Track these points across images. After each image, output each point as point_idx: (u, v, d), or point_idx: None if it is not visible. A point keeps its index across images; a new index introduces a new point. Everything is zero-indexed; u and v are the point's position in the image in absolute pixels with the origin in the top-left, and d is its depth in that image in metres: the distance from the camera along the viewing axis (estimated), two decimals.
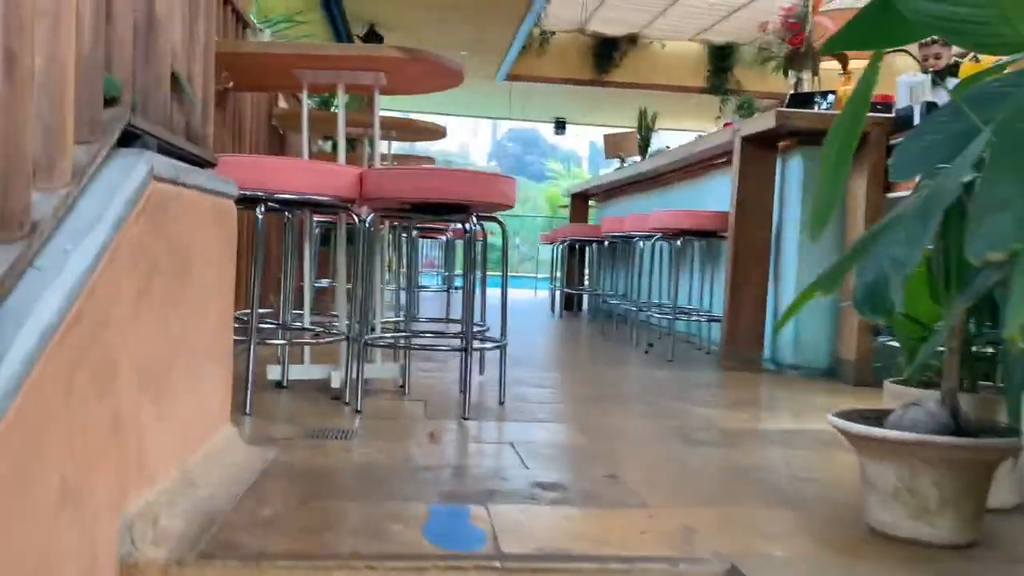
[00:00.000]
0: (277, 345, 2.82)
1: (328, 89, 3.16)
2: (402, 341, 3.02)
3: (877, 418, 1.65)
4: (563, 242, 7.05)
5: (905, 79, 3.45)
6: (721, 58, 10.29)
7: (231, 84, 2.95)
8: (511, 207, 2.67)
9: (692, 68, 10.40)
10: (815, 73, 3.84)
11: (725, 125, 5.29)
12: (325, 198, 2.51)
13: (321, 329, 2.92)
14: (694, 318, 4.72)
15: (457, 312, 6.09)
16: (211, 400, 1.79)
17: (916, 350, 1.85)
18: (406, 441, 2.16)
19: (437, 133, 4.47)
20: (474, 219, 2.61)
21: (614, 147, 7.83)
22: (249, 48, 2.64)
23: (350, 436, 2.19)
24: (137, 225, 1.28)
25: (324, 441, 2.12)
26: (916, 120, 3.36)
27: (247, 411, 2.39)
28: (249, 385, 2.42)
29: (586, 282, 7.93)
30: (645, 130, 8.05)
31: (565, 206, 10.30)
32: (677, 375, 3.66)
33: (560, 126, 12.91)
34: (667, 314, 4.70)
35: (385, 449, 2.06)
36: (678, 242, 4.22)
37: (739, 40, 10.16)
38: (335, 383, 2.75)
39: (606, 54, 10.17)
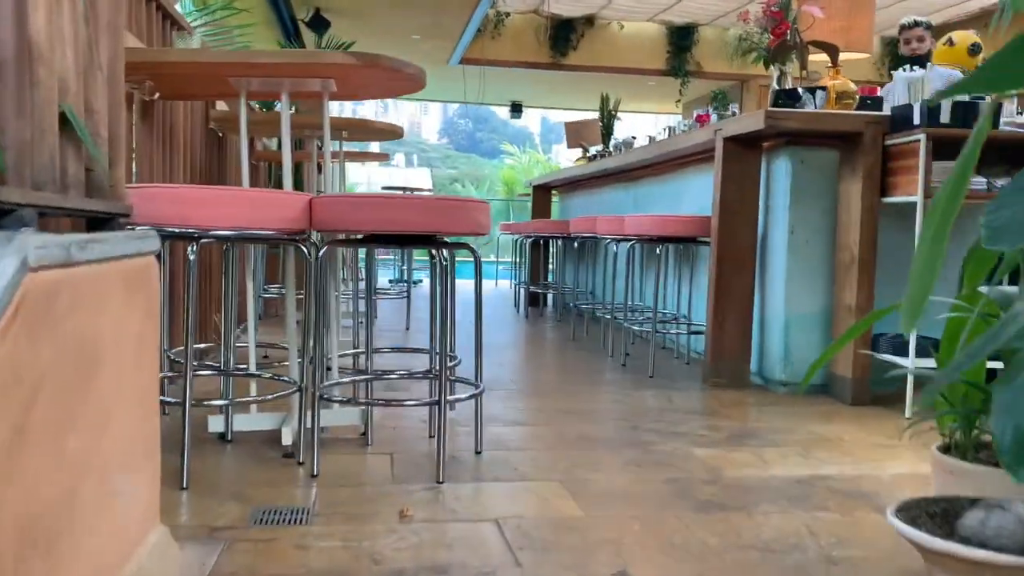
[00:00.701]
0: (218, 405, 2.48)
1: (270, 96, 2.79)
2: (363, 390, 2.69)
3: (944, 514, 1.38)
4: (528, 237, 6.74)
5: (903, 74, 3.19)
6: (681, 39, 10.01)
7: (156, 96, 2.57)
8: (485, 234, 2.35)
9: (651, 50, 10.11)
10: (803, 67, 3.56)
11: (699, 118, 5.02)
12: (267, 232, 2.16)
13: (270, 375, 2.57)
14: (673, 331, 4.46)
15: (420, 324, 5.76)
16: (133, 510, 1.45)
17: (973, 419, 1.58)
18: (373, 524, 1.84)
19: (394, 134, 4.12)
20: (444, 253, 2.28)
21: (576, 136, 7.53)
22: (175, 56, 2.26)
23: (306, 518, 1.87)
24: (6, 342, 0.94)
25: (275, 529, 1.80)
26: (916, 120, 3.10)
27: (183, 485, 2.05)
28: (185, 451, 2.08)
29: (551, 277, 7.64)
30: (607, 117, 7.77)
31: (525, 194, 10.00)
32: (662, 397, 3.39)
33: (516, 109, 12.56)
34: (643, 322, 4.43)
35: (349, 538, 1.74)
36: (656, 249, 3.93)
37: (699, 20, 9.90)
38: (287, 439, 2.41)
39: (563, 36, 9.82)
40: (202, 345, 3.42)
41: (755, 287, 3.68)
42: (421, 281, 9.93)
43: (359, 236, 2.35)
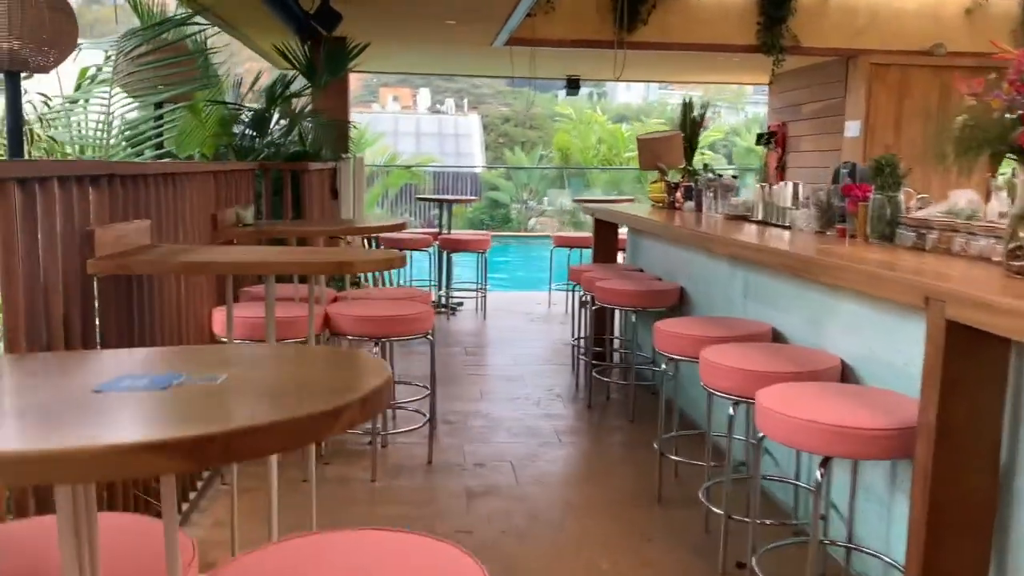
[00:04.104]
0: None
1: None
2: None
3: None
4: (587, 300, 5.25)
5: None
6: (775, 8, 8.22)
7: None
8: None
9: (738, 22, 8.34)
10: None
11: (848, 189, 3.44)
12: None
13: None
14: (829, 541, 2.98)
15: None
16: None
17: None
18: None
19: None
20: None
21: (651, 154, 5.95)
22: None
23: None
24: None
25: None
26: None
27: None
28: None
29: (616, 339, 6.15)
30: (691, 127, 6.18)
31: (583, 200, 8.44)
32: None
33: (573, 85, 10.88)
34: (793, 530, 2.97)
35: None
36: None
37: None
38: None
39: (630, 9, 8.13)
40: None
41: (991, 559, 2.20)
42: (462, 304, 8.52)
43: None
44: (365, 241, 8.05)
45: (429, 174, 19.22)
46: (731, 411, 2.96)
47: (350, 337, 3.78)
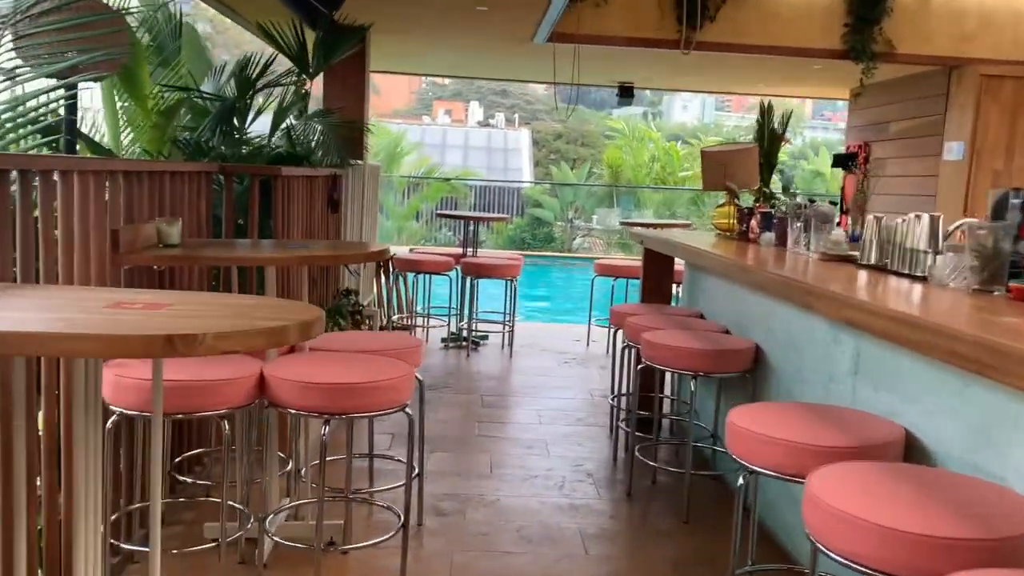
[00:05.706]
0: None
1: None
2: None
3: None
4: (628, 349, 4.10)
5: None
6: (867, 7, 7.01)
7: None
8: None
9: (822, 22, 7.14)
10: None
11: None
12: None
13: None
14: None
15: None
16: None
17: None
18: None
19: None
20: None
21: (719, 172, 4.78)
22: None
23: None
24: None
25: None
26: None
27: None
28: None
29: (666, 401, 4.98)
30: (770, 138, 5.00)
31: (631, 223, 7.29)
32: None
33: (626, 93, 9.73)
34: None
35: None
36: None
37: None
38: None
39: (695, 4, 6.98)
40: None
41: None
42: (487, 338, 7.39)
43: None
44: (377, 266, 7.01)
45: (472, 188, 18.21)
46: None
47: (292, 412, 2.69)
